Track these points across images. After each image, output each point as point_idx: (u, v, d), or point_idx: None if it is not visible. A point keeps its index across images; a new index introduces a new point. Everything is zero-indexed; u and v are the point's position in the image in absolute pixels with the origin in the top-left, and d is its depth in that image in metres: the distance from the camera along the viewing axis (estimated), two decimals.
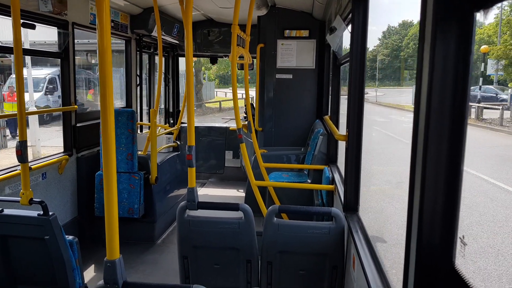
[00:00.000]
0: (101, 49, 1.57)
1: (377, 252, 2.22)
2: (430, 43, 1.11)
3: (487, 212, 6.36)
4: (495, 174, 8.69)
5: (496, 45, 23.34)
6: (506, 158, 10.56)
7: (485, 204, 6.66)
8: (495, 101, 22.15)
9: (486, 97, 23.13)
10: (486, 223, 5.95)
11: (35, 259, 2.76)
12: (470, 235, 5.51)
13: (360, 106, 2.91)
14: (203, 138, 7.96)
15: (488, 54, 21.97)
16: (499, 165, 9.68)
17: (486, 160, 9.83)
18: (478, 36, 27.36)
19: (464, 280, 1.05)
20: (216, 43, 7.44)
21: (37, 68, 16.43)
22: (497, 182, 7.83)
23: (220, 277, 2.94)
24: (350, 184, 2.96)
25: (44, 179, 4.23)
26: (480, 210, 6.33)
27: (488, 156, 10.37)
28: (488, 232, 5.72)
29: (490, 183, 7.81)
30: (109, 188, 1.60)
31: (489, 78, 24.37)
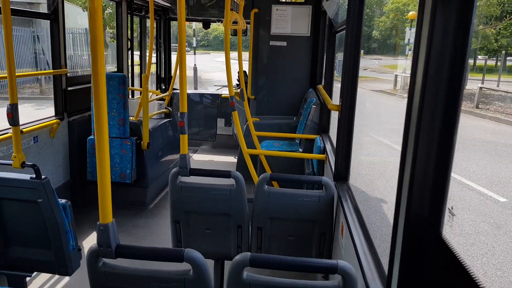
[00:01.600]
0: (92, 11, 1.53)
1: (365, 220, 2.26)
2: (429, 16, 1.09)
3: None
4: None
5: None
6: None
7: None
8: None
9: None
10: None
11: (28, 222, 2.79)
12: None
13: (355, 75, 2.89)
14: (195, 105, 7.91)
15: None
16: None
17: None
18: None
19: (451, 249, 1.07)
20: (209, 7, 7.25)
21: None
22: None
23: (211, 242, 3.01)
24: (341, 153, 2.99)
25: (35, 142, 4.21)
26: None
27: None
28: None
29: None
30: (101, 154, 1.61)
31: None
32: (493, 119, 12.28)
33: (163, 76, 7.79)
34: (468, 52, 1.07)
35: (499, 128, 11.40)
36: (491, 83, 17.43)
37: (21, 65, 16.46)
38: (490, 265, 4.39)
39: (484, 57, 21.45)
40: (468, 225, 5.23)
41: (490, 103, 14.28)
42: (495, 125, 11.69)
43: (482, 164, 7.73)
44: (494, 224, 5.29)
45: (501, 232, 5.12)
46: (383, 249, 1.93)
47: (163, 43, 7.61)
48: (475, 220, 5.41)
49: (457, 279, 1.03)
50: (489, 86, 16.28)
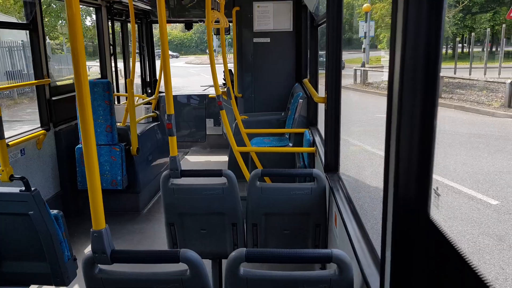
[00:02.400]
0: (71, 18, 1.52)
1: (357, 208, 2.29)
2: (403, 5, 1.12)
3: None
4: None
5: (376, 3, 21.91)
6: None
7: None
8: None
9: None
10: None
11: (21, 235, 2.76)
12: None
13: (338, 67, 2.92)
14: (183, 107, 7.88)
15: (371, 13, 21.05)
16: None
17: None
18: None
19: (438, 228, 1.10)
20: (190, 7, 7.22)
21: None
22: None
23: (207, 241, 3.01)
24: (330, 145, 3.02)
25: (23, 155, 4.16)
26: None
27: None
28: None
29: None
30: (90, 162, 1.60)
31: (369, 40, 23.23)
32: (459, 108, 11.89)
33: (148, 80, 7.74)
34: (442, 36, 1.09)
35: (468, 118, 10.85)
36: (448, 71, 17.04)
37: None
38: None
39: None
40: (467, 240, 4.55)
41: (452, 92, 13.82)
42: (462, 114, 11.11)
43: (461, 161, 7.19)
44: (494, 235, 4.61)
45: (505, 246, 4.39)
46: (376, 235, 1.96)
47: (146, 46, 7.56)
48: (472, 233, 4.74)
49: (447, 258, 1.06)
50: (448, 74, 15.93)
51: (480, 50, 20.34)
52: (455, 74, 16.40)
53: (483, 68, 16.32)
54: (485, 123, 10.37)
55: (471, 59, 18.67)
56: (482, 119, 10.66)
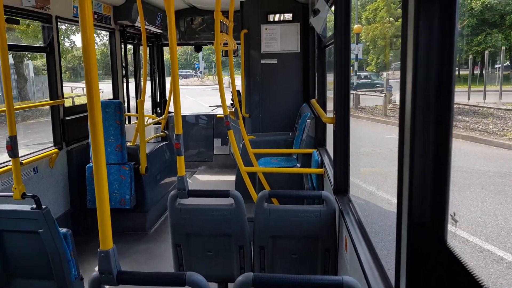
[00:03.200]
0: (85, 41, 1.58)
1: (369, 233, 2.23)
2: (413, 20, 1.11)
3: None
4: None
5: (371, 23, 20.06)
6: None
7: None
8: (370, 87, 20.29)
9: (362, 84, 20.93)
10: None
11: (30, 253, 2.79)
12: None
13: (346, 87, 2.91)
14: (191, 127, 7.96)
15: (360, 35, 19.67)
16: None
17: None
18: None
19: (456, 256, 1.06)
20: (200, 30, 7.39)
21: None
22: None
23: (214, 264, 2.98)
24: (339, 166, 2.97)
25: (36, 173, 4.23)
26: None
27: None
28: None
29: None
30: (100, 180, 1.63)
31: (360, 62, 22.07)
32: (467, 138, 10.20)
33: (158, 100, 7.87)
34: (455, 55, 1.08)
35: (481, 151, 9.10)
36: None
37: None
38: None
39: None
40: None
41: (455, 119, 13.20)
42: (473, 146, 9.39)
43: (490, 211, 5.37)
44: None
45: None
46: (389, 261, 1.91)
47: (157, 68, 7.72)
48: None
49: (465, 286, 1.03)
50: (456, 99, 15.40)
51: (474, 73, 20.63)
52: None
53: (481, 92, 16.09)
54: (503, 158, 8.67)
55: (469, 82, 17.86)
56: (497, 152, 8.94)
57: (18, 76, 21.99)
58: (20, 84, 21.93)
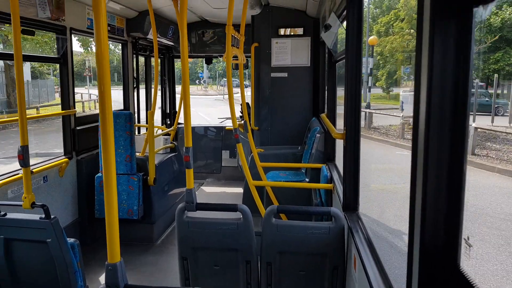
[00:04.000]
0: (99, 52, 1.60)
1: (378, 252, 2.19)
2: (428, 41, 1.09)
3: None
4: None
5: (389, 35, 18.08)
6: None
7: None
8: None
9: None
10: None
11: (38, 262, 2.79)
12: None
13: (357, 103, 2.90)
14: (200, 138, 7.99)
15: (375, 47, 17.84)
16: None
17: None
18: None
19: (469, 280, 1.03)
20: (211, 43, 7.47)
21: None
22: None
23: (220, 278, 2.96)
24: (349, 182, 2.94)
25: (45, 182, 4.26)
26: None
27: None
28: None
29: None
30: (109, 191, 1.63)
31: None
32: (504, 172, 8.26)
33: (168, 111, 7.93)
34: (471, 76, 1.06)
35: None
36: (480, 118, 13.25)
37: None
38: None
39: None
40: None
41: (483, 146, 10.72)
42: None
43: None
44: None
45: None
46: (400, 283, 1.86)
47: (168, 80, 7.79)
48: None
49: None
50: (485, 123, 12.00)
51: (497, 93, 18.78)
52: (473, 122, 12.78)
53: (507, 116, 12.91)
54: None
55: (493, 103, 14.29)
56: None
57: (8, 79, 20.91)
58: (10, 88, 20.87)
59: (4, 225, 2.72)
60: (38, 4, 3.95)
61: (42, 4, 4.00)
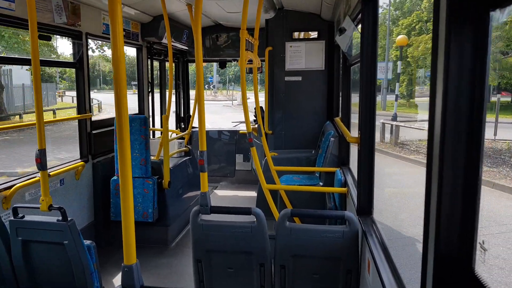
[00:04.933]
0: (115, 57, 1.62)
1: (392, 256, 2.18)
2: (444, 44, 1.09)
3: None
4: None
5: (420, 34, 16.34)
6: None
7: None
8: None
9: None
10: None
11: (55, 264, 2.83)
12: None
13: (372, 107, 2.89)
14: (214, 142, 8.03)
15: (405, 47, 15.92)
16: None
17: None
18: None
19: (484, 285, 1.02)
20: (225, 47, 7.51)
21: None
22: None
23: (234, 281, 2.97)
24: (363, 186, 2.93)
25: (62, 185, 4.34)
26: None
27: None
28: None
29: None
30: (126, 194, 1.65)
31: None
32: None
33: (182, 115, 7.99)
34: (487, 80, 1.05)
35: None
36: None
37: None
38: None
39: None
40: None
41: (497, 162, 9.01)
42: None
43: None
44: None
45: None
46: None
47: (182, 84, 7.86)
48: None
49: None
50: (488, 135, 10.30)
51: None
52: (495, 135, 11.14)
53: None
54: None
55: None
56: None
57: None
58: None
59: (22, 227, 2.78)
60: (54, 10, 4.04)
61: (58, 10, 4.09)
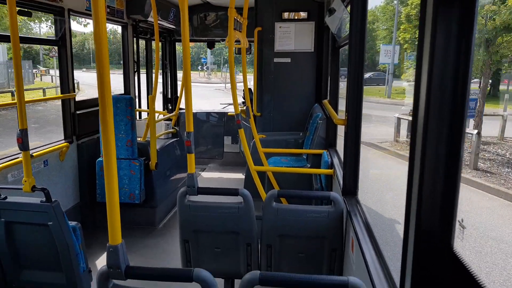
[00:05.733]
0: (97, 35, 1.56)
1: (375, 235, 2.24)
2: (431, 25, 1.10)
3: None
4: None
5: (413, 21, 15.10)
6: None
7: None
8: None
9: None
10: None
11: (40, 245, 2.81)
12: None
13: (359, 89, 2.89)
14: (202, 124, 7.97)
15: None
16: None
17: None
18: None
19: (463, 263, 1.06)
20: (213, 27, 7.38)
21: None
22: None
23: (221, 260, 3.00)
24: (349, 168, 2.98)
25: (46, 166, 4.26)
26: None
27: None
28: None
29: None
30: (110, 175, 1.63)
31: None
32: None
33: (170, 96, 7.88)
34: (471, 63, 1.07)
35: None
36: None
37: None
38: None
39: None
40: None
41: (487, 158, 7.80)
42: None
43: None
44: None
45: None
46: (396, 264, 1.89)
47: (169, 64, 7.73)
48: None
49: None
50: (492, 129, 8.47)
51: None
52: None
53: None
54: None
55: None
56: None
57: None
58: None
59: (4, 208, 2.73)
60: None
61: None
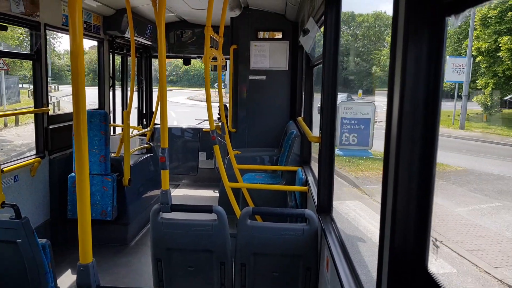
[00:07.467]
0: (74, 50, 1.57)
1: (350, 253, 2.25)
2: (402, 47, 1.13)
3: None
4: None
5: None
6: None
7: None
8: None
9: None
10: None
11: (8, 263, 2.71)
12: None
13: (333, 107, 2.95)
14: (177, 140, 7.93)
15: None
16: None
17: None
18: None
19: (437, 282, 1.07)
20: (189, 44, 7.44)
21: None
22: None
23: (194, 280, 2.96)
24: (323, 185, 2.99)
25: (16, 181, 4.14)
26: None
27: None
28: None
29: None
30: (82, 191, 1.61)
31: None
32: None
33: (144, 111, 7.83)
34: (442, 81, 1.10)
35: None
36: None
37: None
38: None
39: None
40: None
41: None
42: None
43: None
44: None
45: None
46: (371, 284, 1.88)
47: (144, 79, 7.70)
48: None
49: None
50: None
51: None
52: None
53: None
54: None
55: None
56: None
57: None
58: None
59: None
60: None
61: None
